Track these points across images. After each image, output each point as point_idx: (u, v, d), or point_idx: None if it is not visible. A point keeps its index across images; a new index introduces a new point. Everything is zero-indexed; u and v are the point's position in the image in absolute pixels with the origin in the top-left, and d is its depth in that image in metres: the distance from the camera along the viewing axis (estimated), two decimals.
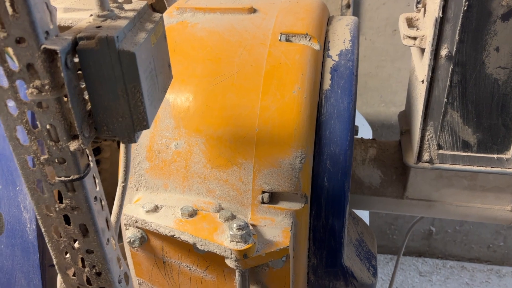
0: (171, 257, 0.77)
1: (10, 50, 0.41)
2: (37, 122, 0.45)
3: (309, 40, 0.82)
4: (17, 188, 0.78)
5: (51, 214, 0.50)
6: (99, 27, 0.45)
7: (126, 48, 0.43)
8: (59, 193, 0.49)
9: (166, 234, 0.71)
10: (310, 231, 0.78)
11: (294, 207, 0.74)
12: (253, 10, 0.88)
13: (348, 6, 1.53)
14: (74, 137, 0.45)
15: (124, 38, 0.45)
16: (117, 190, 0.58)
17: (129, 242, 0.74)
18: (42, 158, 0.46)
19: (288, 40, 0.82)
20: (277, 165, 0.73)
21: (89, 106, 0.46)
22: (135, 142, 0.48)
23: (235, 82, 0.78)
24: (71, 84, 0.43)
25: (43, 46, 0.40)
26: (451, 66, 0.77)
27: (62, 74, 0.42)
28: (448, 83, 0.79)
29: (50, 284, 0.83)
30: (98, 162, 1.01)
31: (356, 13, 1.58)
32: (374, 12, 1.56)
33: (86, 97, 0.46)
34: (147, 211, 0.73)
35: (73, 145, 0.45)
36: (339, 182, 0.76)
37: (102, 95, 0.45)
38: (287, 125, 0.74)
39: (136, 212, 0.74)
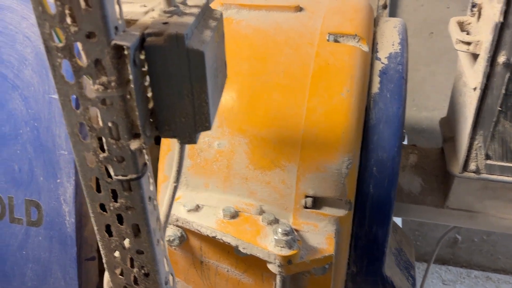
0: (209, 258, 0.76)
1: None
2: (99, 119, 0.43)
3: (358, 41, 0.79)
4: (58, 181, 0.78)
5: (105, 213, 0.49)
6: (165, 23, 0.44)
7: (195, 46, 0.42)
8: (113, 191, 0.48)
9: (207, 235, 0.70)
10: (351, 238, 0.76)
11: (338, 213, 0.72)
12: (299, 9, 0.86)
13: (385, 6, 1.50)
14: (135, 135, 0.44)
15: (192, 35, 0.43)
16: (168, 190, 0.57)
17: (169, 240, 0.73)
18: (101, 156, 0.45)
19: (336, 41, 0.79)
20: (323, 170, 0.71)
21: (151, 105, 0.45)
22: (195, 143, 0.47)
23: (281, 82, 0.76)
24: (137, 82, 0.42)
25: (113, 42, 0.39)
26: (508, 74, 0.74)
27: (129, 71, 0.41)
28: (503, 91, 0.76)
29: (85, 278, 0.83)
30: None
31: (393, 14, 1.54)
32: (411, 13, 1.53)
33: (148, 95, 0.45)
34: (189, 210, 0.72)
35: (134, 144, 0.44)
36: (385, 190, 0.74)
37: (167, 93, 0.44)
38: (335, 129, 0.72)
39: (177, 210, 0.73)
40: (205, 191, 0.76)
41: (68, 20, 0.38)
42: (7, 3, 0.77)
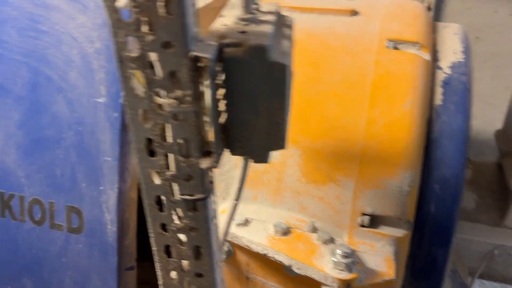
0: (256, 274, 0.72)
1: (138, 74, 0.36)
2: (167, 135, 0.40)
3: (419, 49, 0.74)
4: (101, 188, 0.75)
5: (166, 233, 0.46)
6: (243, 32, 0.40)
7: (277, 59, 0.38)
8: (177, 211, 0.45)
9: (258, 252, 0.66)
10: (408, 258, 0.71)
11: (396, 233, 0.68)
12: (354, 13, 0.81)
13: (428, 9, 1.44)
14: (206, 153, 0.40)
15: (272, 46, 0.39)
16: (228, 207, 0.53)
17: None
18: (168, 173, 0.41)
19: (395, 48, 0.75)
20: (382, 186, 0.67)
21: (222, 120, 0.41)
22: (267, 162, 0.43)
23: (337, 91, 0.71)
24: (214, 96, 0.38)
25: (193, 53, 0.35)
26: None
27: (206, 85, 0.37)
28: None
29: None
30: None
31: (437, 17, 1.48)
32: (456, 17, 1.46)
33: (219, 109, 0.41)
34: (238, 224, 0.69)
35: (205, 163, 0.40)
36: (447, 209, 0.69)
37: (242, 109, 0.40)
38: (396, 143, 0.67)
39: (224, 223, 0.69)
40: (253, 203, 0.72)
41: (144, 28, 0.35)
42: (55, 3, 0.74)
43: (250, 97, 0.39)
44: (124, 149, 0.74)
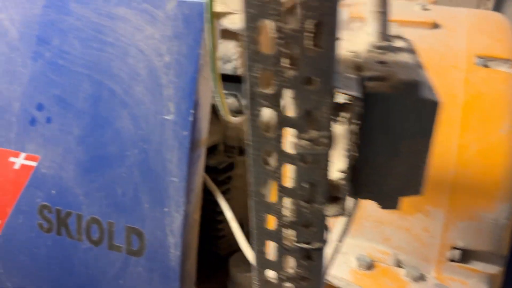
0: None
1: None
2: (291, 178, 0.35)
3: (511, 66, 0.68)
4: (165, 210, 0.71)
5: (274, 282, 0.41)
6: (382, 62, 0.35)
7: (428, 95, 0.33)
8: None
9: (339, 287, 0.61)
10: None
11: (490, 270, 0.62)
12: (435, 25, 0.75)
13: None
14: (333, 199, 0.36)
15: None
16: (330, 249, 0.48)
17: None
18: (286, 219, 0.37)
19: (485, 66, 0.69)
20: (476, 219, 0.61)
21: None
22: (396, 208, 0.38)
23: None
24: (352, 136, 0.33)
25: (339, 91, 0.30)
26: None
27: (349, 125, 0.32)
28: None
29: None
30: (229, 179, 0.93)
31: None
32: None
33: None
34: None
35: (332, 210, 0.35)
36: None
37: (381, 149, 0.35)
38: (492, 171, 0.61)
39: None
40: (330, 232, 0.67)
41: (285, 62, 0.30)
42: (121, 13, 0.70)
43: (391, 136, 0.34)
44: (192, 169, 0.70)
